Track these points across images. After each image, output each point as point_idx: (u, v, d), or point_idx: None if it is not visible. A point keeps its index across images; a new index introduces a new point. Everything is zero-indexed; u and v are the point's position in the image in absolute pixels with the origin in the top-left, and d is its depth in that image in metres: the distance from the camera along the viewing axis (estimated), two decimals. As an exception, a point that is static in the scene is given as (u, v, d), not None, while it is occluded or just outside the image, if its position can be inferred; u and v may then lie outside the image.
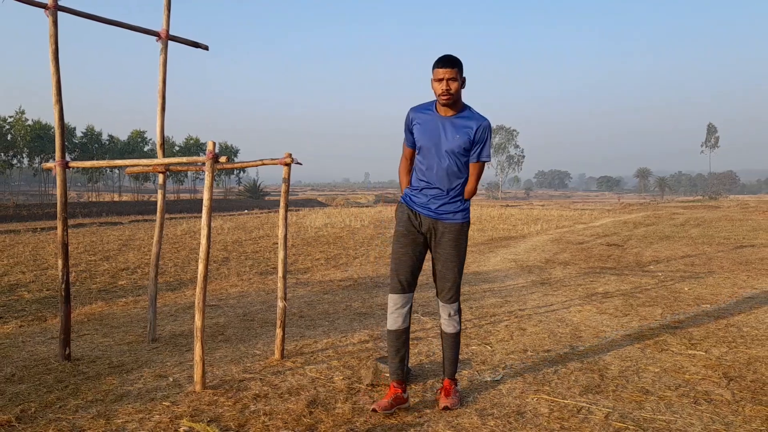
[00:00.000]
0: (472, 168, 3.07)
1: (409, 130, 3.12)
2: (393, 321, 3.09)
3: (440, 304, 3.18)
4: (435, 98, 3.01)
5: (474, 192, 3.15)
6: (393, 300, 3.09)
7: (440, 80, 2.88)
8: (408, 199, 3.15)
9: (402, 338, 3.10)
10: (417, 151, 3.11)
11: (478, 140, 2.98)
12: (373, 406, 2.96)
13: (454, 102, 2.95)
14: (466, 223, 3.12)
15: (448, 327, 3.18)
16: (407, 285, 3.07)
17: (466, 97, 3.08)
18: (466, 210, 3.12)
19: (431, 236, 3.10)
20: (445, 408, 3.00)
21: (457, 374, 3.61)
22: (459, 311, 3.19)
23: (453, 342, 3.18)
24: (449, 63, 2.88)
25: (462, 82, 2.94)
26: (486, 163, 3.11)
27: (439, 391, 3.19)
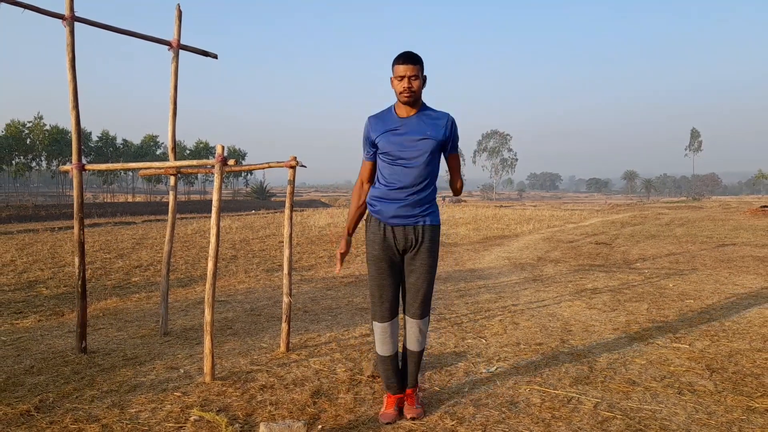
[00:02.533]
0: (452, 161, 2.85)
1: (370, 142, 2.77)
2: (383, 348, 2.80)
3: (409, 320, 2.80)
4: (391, 104, 2.80)
5: (461, 185, 2.96)
6: (381, 328, 2.78)
7: (401, 78, 2.63)
8: (379, 212, 2.76)
9: (395, 361, 2.84)
10: (381, 159, 2.77)
11: (450, 133, 2.75)
12: (380, 419, 2.79)
13: (415, 100, 2.69)
14: (439, 227, 2.83)
15: (416, 345, 2.82)
16: (394, 310, 2.79)
17: (469, 100, 2.95)
18: (437, 211, 2.84)
19: (407, 250, 2.77)
20: (412, 419, 2.78)
21: (453, 366, 3.62)
22: (427, 326, 2.85)
23: (418, 358, 2.86)
24: (411, 60, 2.63)
25: (423, 80, 2.69)
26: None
27: (404, 401, 2.89)
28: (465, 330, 4.57)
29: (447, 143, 2.76)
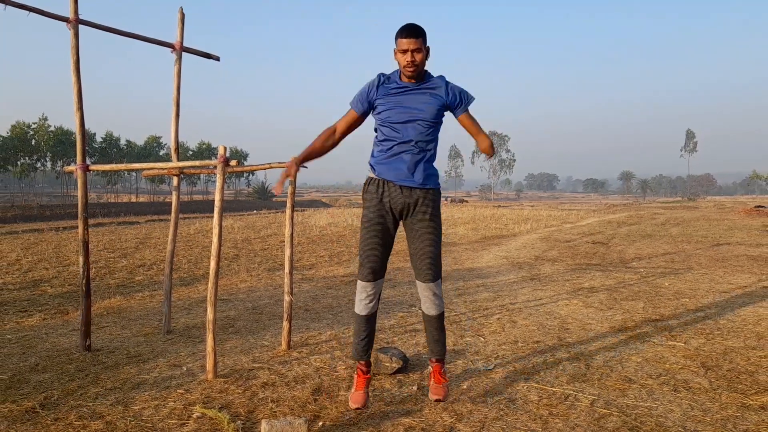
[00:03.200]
0: (465, 122, 2.78)
1: (368, 99, 2.75)
2: (363, 307, 2.83)
3: (421, 285, 2.82)
4: (396, 69, 2.76)
5: (490, 141, 2.81)
6: (364, 287, 2.81)
7: (404, 51, 2.61)
8: (380, 173, 2.75)
9: (370, 322, 2.87)
10: (381, 124, 2.75)
11: (451, 91, 2.72)
12: (353, 406, 2.79)
13: (419, 73, 2.68)
14: (439, 192, 2.81)
15: (433, 308, 2.84)
16: (379, 272, 2.80)
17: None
18: (437, 175, 2.82)
19: (406, 214, 2.76)
20: (437, 400, 2.83)
21: (451, 363, 3.61)
22: (440, 288, 2.85)
23: (439, 323, 2.87)
24: (413, 33, 2.60)
25: (426, 52, 2.66)
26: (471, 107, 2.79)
27: (429, 377, 2.94)
28: (463, 328, 4.57)
29: (452, 102, 2.73)
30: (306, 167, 4.04)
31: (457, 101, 2.75)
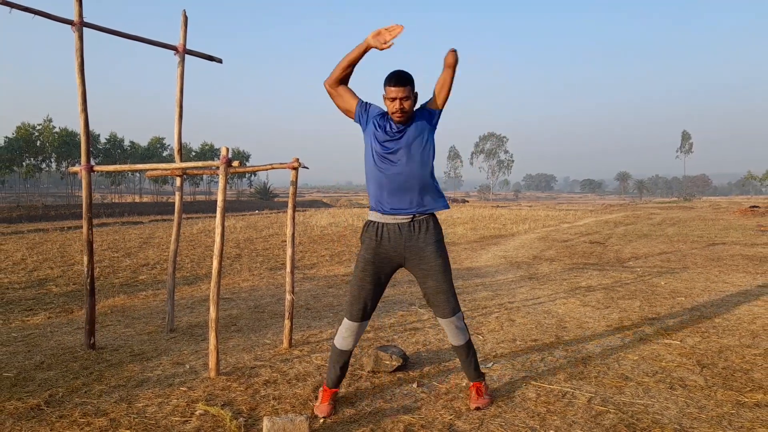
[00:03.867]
0: (437, 89, 2.74)
1: (366, 119, 2.79)
2: (342, 341, 2.81)
3: (441, 321, 2.80)
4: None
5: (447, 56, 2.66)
6: (348, 326, 2.78)
7: (393, 99, 2.64)
8: (380, 209, 2.73)
9: (346, 355, 2.85)
10: (374, 158, 2.72)
11: (428, 113, 2.75)
12: (316, 412, 2.76)
13: (408, 119, 2.71)
14: (440, 229, 2.79)
15: (458, 339, 2.82)
16: (367, 314, 2.78)
17: (466, 103, 2.88)
18: (440, 203, 2.78)
19: (408, 256, 2.73)
20: (477, 408, 2.80)
21: (450, 362, 3.61)
22: (462, 318, 2.84)
23: (468, 350, 2.86)
24: (402, 81, 2.63)
25: (414, 98, 2.68)
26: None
27: (469, 391, 2.94)
28: (462, 327, 4.56)
29: (432, 114, 2.76)
30: (306, 167, 4.06)
31: (433, 110, 2.76)
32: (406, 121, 2.72)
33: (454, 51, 2.67)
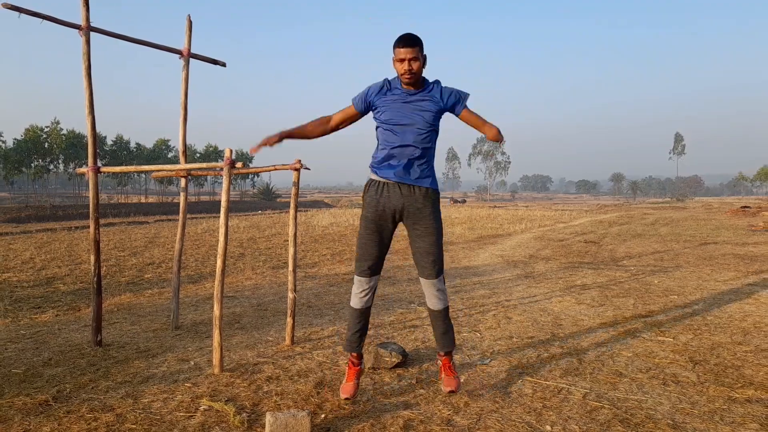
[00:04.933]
0: (467, 117, 2.77)
1: (368, 100, 2.78)
2: (358, 301, 2.85)
3: (424, 281, 2.82)
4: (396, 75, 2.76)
5: (495, 128, 2.75)
6: (360, 282, 2.83)
7: (402, 60, 2.63)
8: (379, 171, 2.77)
9: (364, 316, 2.88)
10: (381, 126, 2.77)
11: (449, 97, 2.74)
12: (343, 396, 2.80)
13: (416, 81, 2.70)
14: (438, 192, 2.80)
15: (437, 303, 2.82)
16: (375, 269, 2.82)
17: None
18: (435, 177, 2.82)
19: (405, 215, 2.75)
20: (451, 392, 2.79)
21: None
22: (444, 281, 2.84)
23: (445, 317, 2.85)
24: (410, 42, 2.62)
25: (423, 60, 2.68)
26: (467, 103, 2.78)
27: (440, 372, 2.90)
28: (460, 324, 4.57)
29: (449, 103, 2.75)
30: (308, 168, 4.05)
31: (453, 101, 2.76)
32: (415, 85, 2.72)
33: (502, 140, 2.81)
